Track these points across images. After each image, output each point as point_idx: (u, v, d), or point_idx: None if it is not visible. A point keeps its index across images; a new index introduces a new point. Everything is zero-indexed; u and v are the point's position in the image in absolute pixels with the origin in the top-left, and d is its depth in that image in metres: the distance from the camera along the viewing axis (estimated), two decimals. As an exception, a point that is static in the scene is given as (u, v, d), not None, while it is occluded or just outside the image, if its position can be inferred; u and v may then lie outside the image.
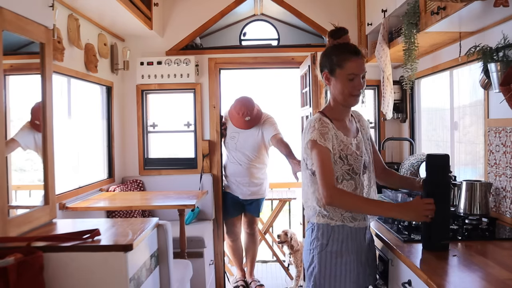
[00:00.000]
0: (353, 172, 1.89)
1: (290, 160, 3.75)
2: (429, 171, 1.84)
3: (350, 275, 1.89)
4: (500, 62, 2.11)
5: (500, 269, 1.59)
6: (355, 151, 1.91)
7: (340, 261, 1.88)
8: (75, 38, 3.04)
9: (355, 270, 1.90)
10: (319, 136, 1.83)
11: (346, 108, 1.96)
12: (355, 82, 1.86)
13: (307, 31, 4.74)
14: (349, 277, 1.88)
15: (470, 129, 2.84)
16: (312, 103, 3.67)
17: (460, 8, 1.98)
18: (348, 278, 1.88)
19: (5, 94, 1.94)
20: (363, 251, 1.94)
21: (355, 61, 1.86)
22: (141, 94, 4.09)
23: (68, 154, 3.18)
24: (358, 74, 1.86)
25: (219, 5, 4.05)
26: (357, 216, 1.90)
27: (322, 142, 1.82)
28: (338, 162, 1.87)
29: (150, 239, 2.18)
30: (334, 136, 1.87)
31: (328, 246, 1.89)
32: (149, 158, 4.13)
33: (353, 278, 1.89)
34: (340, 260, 1.88)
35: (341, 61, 1.86)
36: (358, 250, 1.92)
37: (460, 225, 2.11)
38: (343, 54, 1.87)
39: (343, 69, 1.86)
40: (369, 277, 1.98)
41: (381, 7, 3.13)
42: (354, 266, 1.89)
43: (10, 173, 2.01)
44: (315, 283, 1.91)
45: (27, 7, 2.09)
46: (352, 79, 1.86)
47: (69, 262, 1.83)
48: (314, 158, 1.84)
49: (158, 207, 3.35)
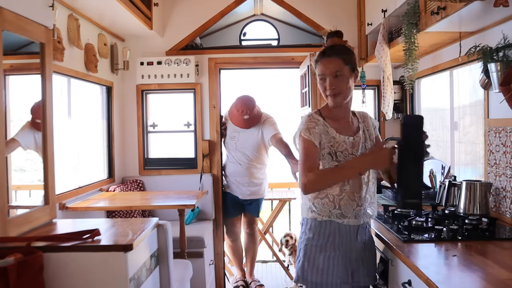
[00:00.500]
0: None
1: (289, 160, 3.75)
2: (402, 130, 1.86)
3: (334, 269, 1.91)
4: (500, 62, 2.11)
5: (500, 269, 1.59)
6: (348, 148, 1.93)
7: (324, 255, 1.92)
8: (75, 38, 3.04)
9: (342, 265, 1.91)
10: (304, 130, 1.92)
11: (337, 108, 1.97)
12: (326, 82, 1.91)
13: (307, 31, 4.74)
14: (332, 271, 1.91)
15: (470, 129, 2.84)
16: (312, 103, 3.67)
17: (460, 8, 1.98)
18: (332, 272, 1.91)
19: (5, 94, 1.94)
20: (354, 249, 1.94)
21: (322, 62, 1.92)
22: (141, 94, 4.09)
23: (68, 154, 3.17)
24: (326, 74, 1.90)
25: (219, 5, 4.05)
26: (347, 213, 1.92)
27: (307, 136, 1.91)
28: (327, 158, 1.91)
29: (150, 239, 2.18)
30: (325, 132, 1.92)
31: (313, 239, 1.94)
32: (149, 158, 4.13)
33: (339, 273, 1.91)
34: (324, 254, 1.92)
35: (316, 64, 1.96)
36: (347, 247, 1.93)
37: (460, 225, 2.11)
38: (318, 57, 1.95)
39: (316, 71, 1.96)
40: (366, 277, 1.98)
41: (381, 7, 3.13)
42: (339, 262, 1.91)
43: (10, 173, 2.01)
44: (298, 275, 1.97)
45: (27, 7, 2.09)
46: (323, 80, 1.92)
47: (69, 262, 1.83)
48: (299, 150, 1.96)
49: (158, 207, 3.35)
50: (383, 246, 2.11)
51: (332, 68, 1.89)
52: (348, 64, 1.91)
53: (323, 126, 1.93)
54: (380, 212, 2.55)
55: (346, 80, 1.91)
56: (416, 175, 1.82)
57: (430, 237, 2.01)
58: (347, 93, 1.93)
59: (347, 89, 1.92)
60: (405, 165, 1.78)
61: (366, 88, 3.88)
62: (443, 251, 1.84)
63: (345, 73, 1.90)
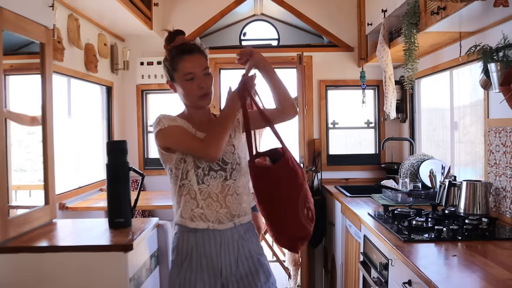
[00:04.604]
0: (212, 169, 1.72)
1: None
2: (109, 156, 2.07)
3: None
4: (500, 62, 2.11)
5: (500, 269, 1.59)
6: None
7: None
8: (75, 38, 3.04)
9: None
10: (168, 121, 1.70)
11: (201, 110, 1.80)
12: (196, 81, 1.71)
13: (307, 31, 4.74)
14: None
15: (470, 129, 2.84)
16: (298, 104, 3.65)
17: (460, 8, 1.98)
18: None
19: (5, 94, 1.94)
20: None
21: (188, 59, 1.71)
22: (141, 94, 4.10)
23: (68, 154, 3.17)
24: (195, 72, 1.70)
25: (219, 5, 4.05)
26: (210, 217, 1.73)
27: (174, 123, 1.70)
28: (189, 158, 1.71)
29: (150, 239, 2.18)
30: (186, 127, 1.73)
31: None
32: (149, 158, 4.14)
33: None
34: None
35: (175, 63, 1.72)
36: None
37: (460, 225, 2.11)
38: (176, 56, 1.72)
39: (179, 71, 1.72)
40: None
41: (381, 7, 3.13)
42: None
43: (10, 173, 2.01)
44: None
45: (27, 7, 2.09)
46: (192, 79, 1.71)
47: (69, 262, 1.83)
48: (173, 141, 1.70)
49: (158, 207, 3.35)
50: (383, 246, 2.11)
51: (202, 63, 1.72)
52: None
53: (181, 121, 1.74)
54: (380, 212, 2.56)
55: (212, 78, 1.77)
56: (119, 196, 2.07)
57: (430, 237, 2.01)
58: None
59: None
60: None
61: (366, 88, 3.89)
62: (443, 251, 1.84)
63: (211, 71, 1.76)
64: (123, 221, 2.09)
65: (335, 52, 4.11)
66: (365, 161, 4.13)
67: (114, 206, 2.10)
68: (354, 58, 4.10)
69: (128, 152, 2.13)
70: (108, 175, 2.08)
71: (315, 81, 4.10)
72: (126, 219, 2.10)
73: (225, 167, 1.74)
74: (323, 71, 4.11)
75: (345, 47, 4.10)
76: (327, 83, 4.11)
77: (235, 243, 1.74)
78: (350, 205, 2.88)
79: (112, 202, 2.09)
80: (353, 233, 2.88)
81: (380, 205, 2.80)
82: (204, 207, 1.71)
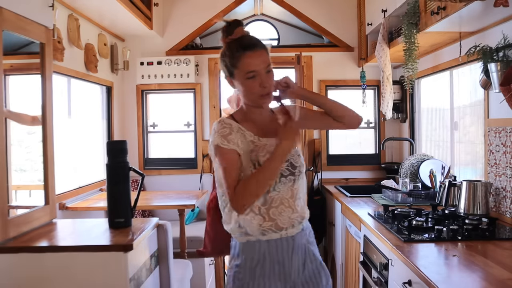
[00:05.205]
0: (283, 175, 1.64)
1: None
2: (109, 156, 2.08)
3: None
4: (500, 62, 2.11)
5: (500, 269, 1.59)
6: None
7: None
8: (75, 38, 3.04)
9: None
10: (220, 139, 1.59)
11: (260, 109, 1.69)
12: (258, 79, 1.57)
13: (307, 31, 4.74)
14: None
15: (470, 129, 2.84)
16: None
17: (460, 8, 1.98)
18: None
19: (5, 94, 1.94)
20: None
21: (250, 56, 1.57)
22: (141, 94, 4.10)
23: (68, 154, 3.17)
24: (257, 70, 1.57)
25: (219, 5, 4.05)
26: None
27: (226, 145, 1.58)
28: (247, 167, 1.60)
29: (150, 239, 2.18)
30: (241, 136, 1.62)
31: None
32: (149, 158, 4.15)
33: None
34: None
35: (235, 60, 1.58)
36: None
37: (460, 225, 2.11)
38: (236, 51, 1.58)
39: (239, 68, 1.58)
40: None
41: (381, 7, 3.13)
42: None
43: (10, 173, 2.01)
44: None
45: (27, 7, 2.09)
46: (253, 77, 1.57)
47: (69, 262, 1.83)
48: (218, 164, 1.60)
49: (158, 207, 3.35)
50: (383, 246, 2.11)
51: (265, 60, 1.59)
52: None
53: (238, 129, 1.62)
54: (380, 212, 2.55)
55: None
56: (119, 197, 2.08)
57: (430, 237, 2.01)
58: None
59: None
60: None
61: (366, 88, 3.89)
62: (443, 251, 1.84)
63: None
64: (123, 221, 2.09)
65: (335, 52, 4.11)
66: (365, 161, 4.14)
67: (114, 206, 2.10)
68: (354, 58, 4.10)
69: (128, 152, 2.13)
70: (108, 175, 2.08)
71: (315, 81, 4.11)
72: (126, 219, 2.10)
73: (293, 171, 1.66)
74: (323, 71, 4.11)
75: (345, 47, 4.10)
76: (327, 83, 4.11)
77: (303, 247, 1.70)
78: (350, 205, 2.88)
79: (112, 202, 2.09)
80: (353, 233, 2.88)
81: (380, 205, 2.80)
82: (276, 214, 1.61)
